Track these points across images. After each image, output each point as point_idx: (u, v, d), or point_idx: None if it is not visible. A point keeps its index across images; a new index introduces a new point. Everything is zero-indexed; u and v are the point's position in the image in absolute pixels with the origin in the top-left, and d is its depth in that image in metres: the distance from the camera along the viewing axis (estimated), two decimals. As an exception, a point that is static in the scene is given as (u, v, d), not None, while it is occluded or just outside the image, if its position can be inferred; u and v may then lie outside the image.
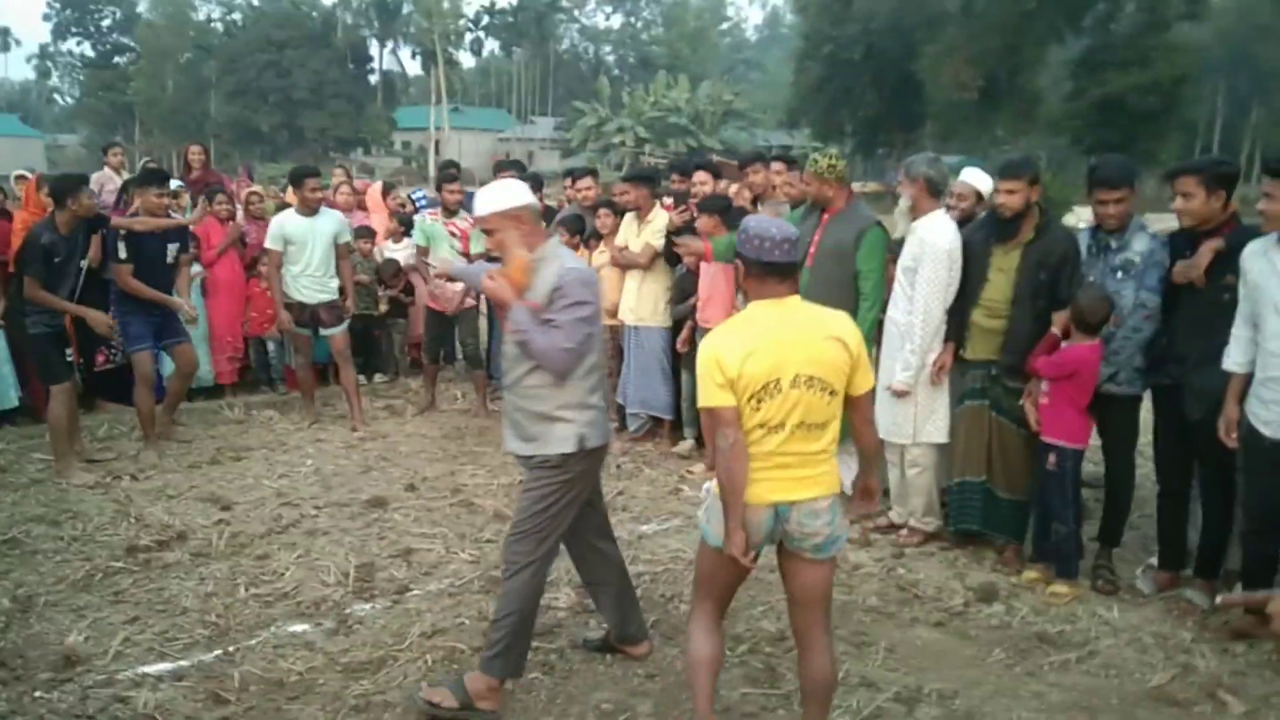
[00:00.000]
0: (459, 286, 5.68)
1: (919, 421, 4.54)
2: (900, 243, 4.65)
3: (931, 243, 4.36)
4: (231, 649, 3.59)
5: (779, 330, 2.67)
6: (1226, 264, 3.71)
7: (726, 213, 5.60)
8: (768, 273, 2.71)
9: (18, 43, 64.60)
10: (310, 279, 6.42)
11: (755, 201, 5.84)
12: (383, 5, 57.38)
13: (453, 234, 6.79)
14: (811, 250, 4.83)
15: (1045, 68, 34.33)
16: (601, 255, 6.40)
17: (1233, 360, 3.61)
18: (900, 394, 4.49)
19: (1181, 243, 3.95)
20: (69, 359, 5.79)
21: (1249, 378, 3.57)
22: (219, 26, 58.06)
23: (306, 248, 6.36)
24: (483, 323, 7.23)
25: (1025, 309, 4.19)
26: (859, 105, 38.00)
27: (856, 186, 5.47)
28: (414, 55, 60.67)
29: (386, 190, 9.03)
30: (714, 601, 2.93)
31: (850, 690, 3.36)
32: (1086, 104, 30.91)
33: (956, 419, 4.49)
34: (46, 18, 60.72)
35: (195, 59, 55.91)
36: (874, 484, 3.03)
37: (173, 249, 5.99)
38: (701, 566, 2.92)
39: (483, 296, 6.78)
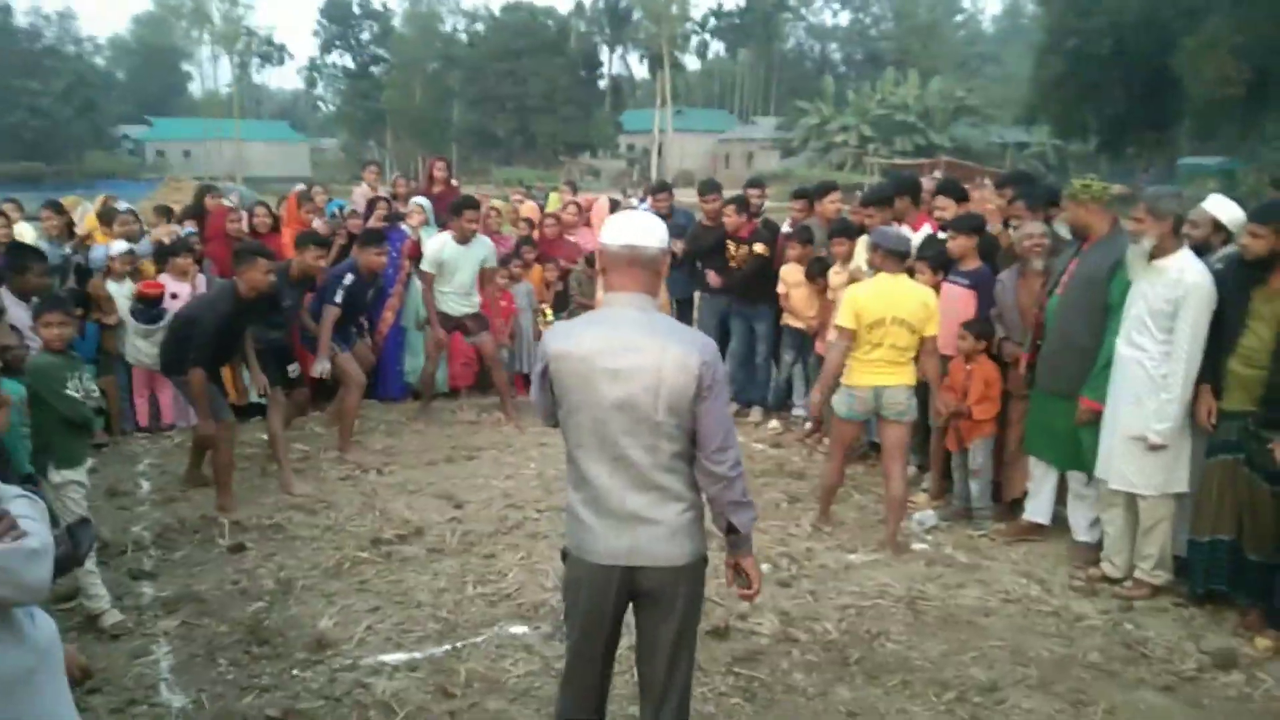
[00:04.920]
0: None
1: (1169, 471, 4.24)
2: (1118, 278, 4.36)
3: (1194, 284, 4.04)
4: (459, 644, 3.89)
5: (890, 290, 4.77)
6: None
7: (981, 233, 5.47)
8: (889, 256, 4.83)
9: (291, 56, 71.70)
10: (455, 296, 7.04)
11: (1006, 222, 5.64)
12: (614, 12, 59.12)
13: None
14: (1065, 279, 4.66)
15: (1330, 57, 30.59)
16: (838, 276, 6.37)
17: None
18: (1157, 448, 4.20)
19: None
20: (292, 374, 6.06)
21: None
22: (463, 37, 61.84)
23: (457, 270, 6.96)
24: None
25: None
26: (1105, 102, 35.28)
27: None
28: (642, 59, 62.16)
29: (614, 206, 9.35)
30: (842, 450, 5.15)
31: (1064, 753, 3.21)
32: (1380, 97, 27.32)
33: (1209, 472, 4.15)
34: (316, 34, 66.92)
35: (441, 69, 59.86)
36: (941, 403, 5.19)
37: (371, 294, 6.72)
38: (835, 431, 5.14)
39: None
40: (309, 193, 8.11)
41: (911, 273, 5.51)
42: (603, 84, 61.90)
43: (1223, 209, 4.51)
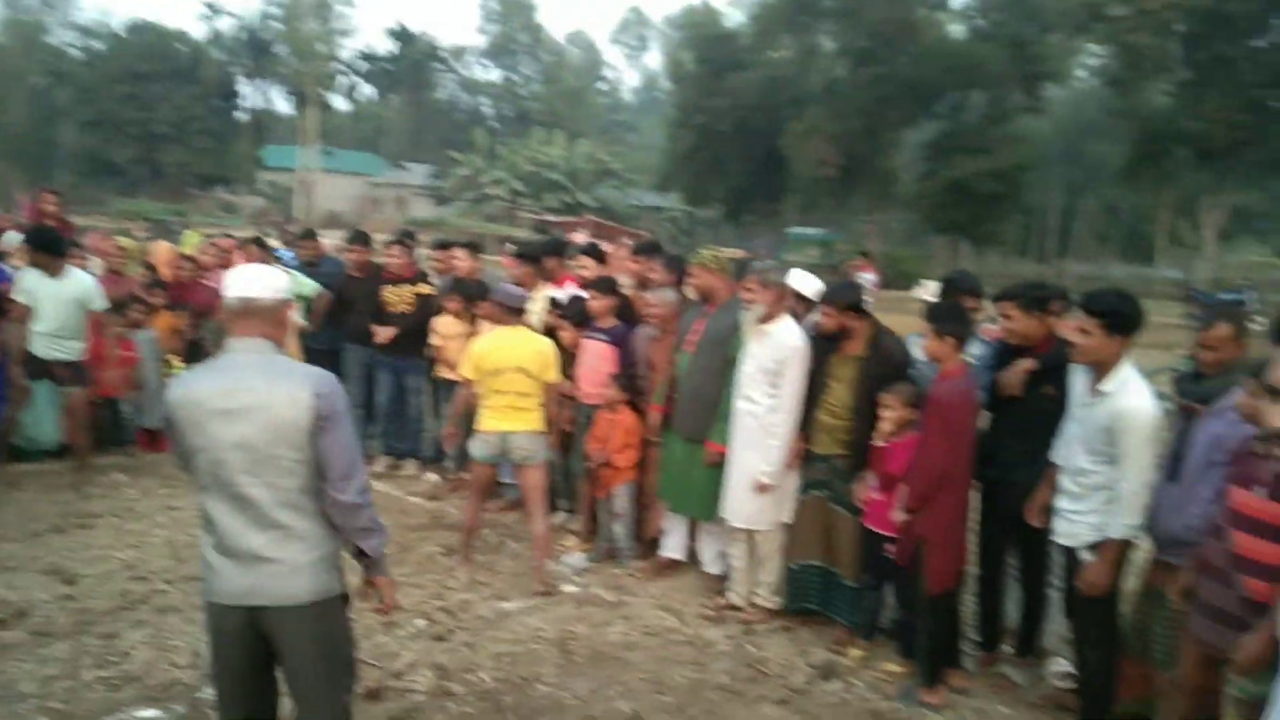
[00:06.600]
0: None
1: (779, 506, 4.82)
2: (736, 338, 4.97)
3: (795, 346, 4.69)
4: (74, 738, 3.49)
5: (509, 341, 5.18)
6: (1044, 377, 4.15)
7: (615, 292, 5.88)
8: (508, 311, 5.23)
9: None
10: (46, 337, 6.30)
11: (643, 285, 6.08)
12: (255, 43, 55.96)
13: None
14: (693, 338, 5.15)
15: (901, 150, 36.52)
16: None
17: (1056, 454, 4.00)
18: (766, 488, 4.74)
19: (1008, 356, 4.38)
20: None
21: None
22: (77, 53, 55.26)
23: (45, 306, 6.26)
24: None
25: (864, 418, 4.52)
26: (728, 175, 39.34)
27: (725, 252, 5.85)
28: (289, 95, 59.30)
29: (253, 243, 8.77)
30: (479, 492, 5.38)
31: (698, 771, 3.53)
32: (937, 185, 32.97)
33: (801, 506, 4.79)
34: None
35: (49, 86, 53.10)
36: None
37: None
38: (472, 473, 5.42)
39: None
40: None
41: (554, 330, 5.88)
42: (242, 117, 58.11)
43: (803, 282, 5.23)
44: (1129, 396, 3.57)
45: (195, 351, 7.52)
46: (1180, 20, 27.79)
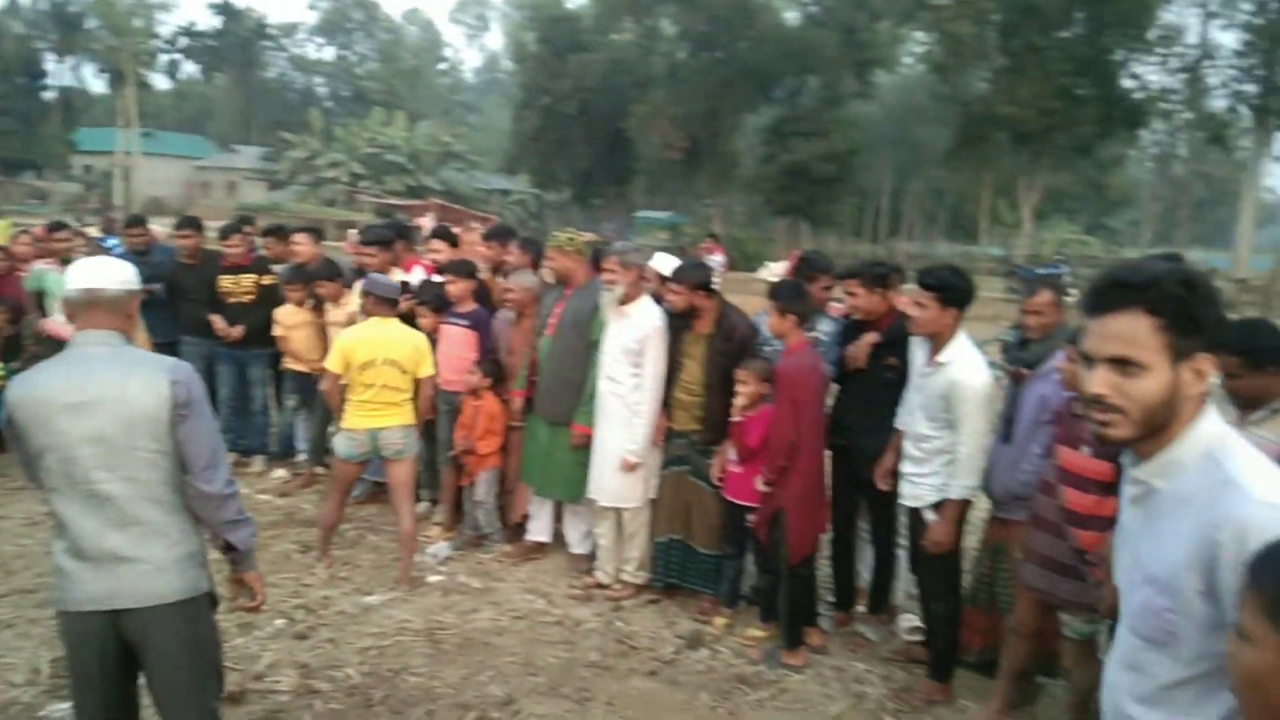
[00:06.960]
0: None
1: (645, 483, 4.91)
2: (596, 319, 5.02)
3: (655, 325, 4.79)
4: (-103, 771, 3.22)
5: (381, 333, 5.01)
6: (887, 350, 4.39)
7: (473, 276, 5.80)
8: (380, 302, 5.05)
9: None
10: None
11: (496, 270, 6.02)
12: (62, 16, 51.81)
13: None
14: (553, 321, 5.15)
15: (741, 134, 37.37)
16: (335, 313, 6.34)
17: (900, 421, 4.24)
18: (633, 466, 4.82)
19: (853, 331, 4.60)
20: None
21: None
22: None
23: None
24: None
25: (716, 393, 4.67)
26: (574, 157, 39.29)
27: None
28: (102, 72, 55.20)
29: (56, 229, 8.06)
30: (342, 490, 5.21)
31: (574, 747, 3.58)
32: (776, 169, 33.95)
33: (663, 482, 4.90)
34: None
35: None
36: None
37: None
38: (335, 471, 5.25)
39: None
40: None
41: (412, 315, 5.75)
42: (50, 96, 53.74)
43: (665, 264, 5.33)
44: (963, 366, 3.82)
45: (13, 349, 6.97)
46: (997, 10, 29.51)
